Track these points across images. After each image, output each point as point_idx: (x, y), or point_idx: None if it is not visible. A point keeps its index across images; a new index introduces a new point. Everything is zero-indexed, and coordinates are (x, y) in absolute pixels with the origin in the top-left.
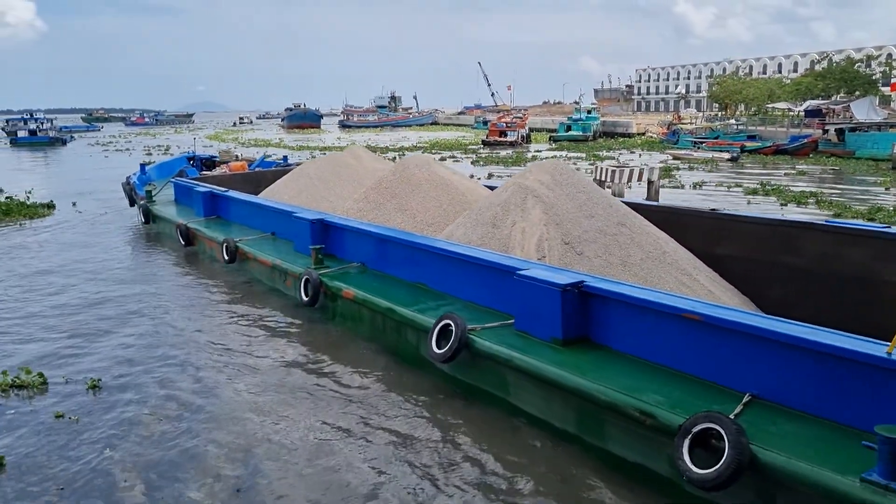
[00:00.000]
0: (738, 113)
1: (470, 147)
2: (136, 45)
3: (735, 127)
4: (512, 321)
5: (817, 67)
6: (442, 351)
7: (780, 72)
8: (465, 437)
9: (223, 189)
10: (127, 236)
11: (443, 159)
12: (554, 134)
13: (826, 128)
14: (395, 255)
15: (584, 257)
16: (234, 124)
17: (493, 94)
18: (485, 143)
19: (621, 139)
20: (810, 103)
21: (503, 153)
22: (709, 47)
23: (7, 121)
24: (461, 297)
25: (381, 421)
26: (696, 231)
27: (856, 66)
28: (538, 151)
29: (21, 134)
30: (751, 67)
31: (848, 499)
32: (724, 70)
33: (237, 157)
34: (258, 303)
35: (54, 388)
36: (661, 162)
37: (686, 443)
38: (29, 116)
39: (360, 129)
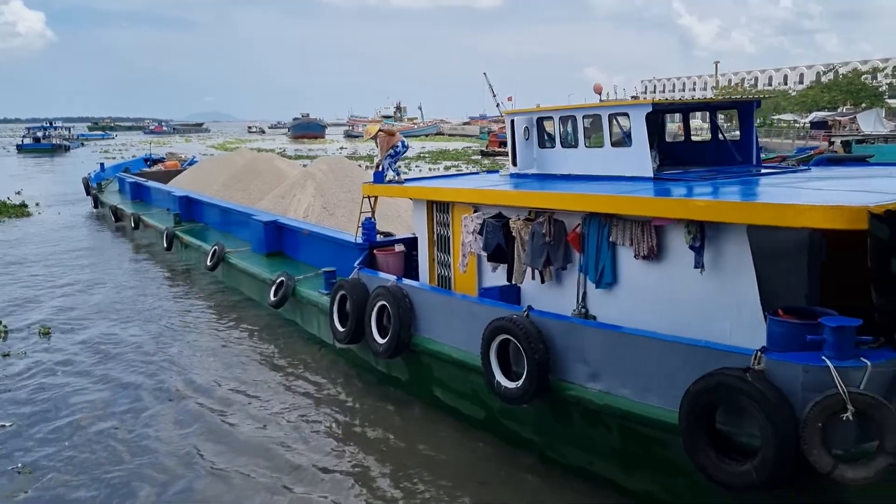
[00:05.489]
0: None
1: (473, 157)
2: (145, 56)
3: None
4: (250, 246)
5: (823, 79)
6: (210, 264)
7: (785, 83)
8: (218, 310)
9: (144, 180)
10: (81, 219)
11: (447, 169)
12: None
13: (832, 140)
14: (219, 216)
15: (334, 216)
16: (257, 132)
17: (497, 105)
18: (483, 154)
19: None
20: (816, 115)
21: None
22: (713, 59)
23: (28, 129)
24: (243, 239)
25: (185, 301)
26: None
27: (862, 78)
28: None
29: (26, 141)
30: (756, 79)
31: (314, 301)
32: (730, 81)
33: (181, 158)
34: (152, 255)
35: None
36: None
37: (272, 288)
38: (49, 125)
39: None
